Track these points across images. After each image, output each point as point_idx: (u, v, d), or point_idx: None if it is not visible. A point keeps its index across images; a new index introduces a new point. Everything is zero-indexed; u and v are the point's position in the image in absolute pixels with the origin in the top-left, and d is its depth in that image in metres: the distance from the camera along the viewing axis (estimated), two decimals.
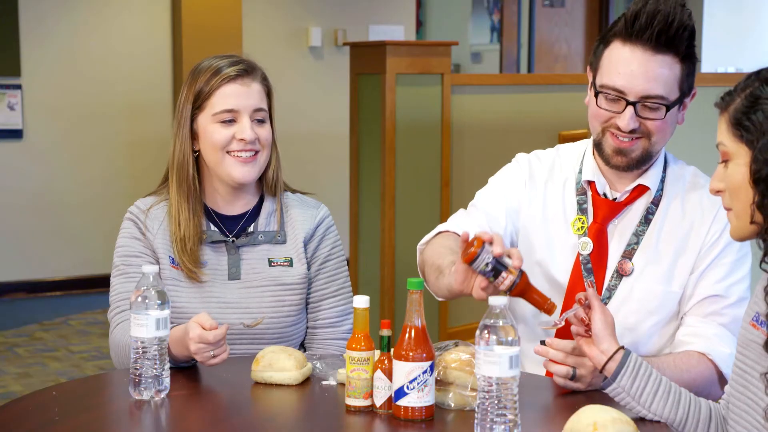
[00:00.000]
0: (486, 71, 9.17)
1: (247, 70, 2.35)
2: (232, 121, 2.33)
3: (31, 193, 6.97)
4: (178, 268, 2.33)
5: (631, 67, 2.11)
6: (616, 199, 2.24)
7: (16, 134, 6.89)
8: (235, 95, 2.33)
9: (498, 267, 1.79)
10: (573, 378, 1.99)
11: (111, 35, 7.15)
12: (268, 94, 2.40)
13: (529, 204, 2.31)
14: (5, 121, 6.84)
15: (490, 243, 1.81)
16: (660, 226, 2.21)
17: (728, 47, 9.47)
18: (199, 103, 2.35)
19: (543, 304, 1.84)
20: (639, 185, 2.22)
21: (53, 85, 6.98)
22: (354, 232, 5.22)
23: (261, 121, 2.36)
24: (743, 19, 9.61)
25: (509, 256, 1.83)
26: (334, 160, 7.47)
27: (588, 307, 1.93)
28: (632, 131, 2.14)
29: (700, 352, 2.12)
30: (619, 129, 2.15)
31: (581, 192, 2.27)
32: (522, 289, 1.82)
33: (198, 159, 2.39)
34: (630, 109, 2.12)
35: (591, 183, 2.26)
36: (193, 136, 2.37)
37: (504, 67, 9.15)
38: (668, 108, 2.13)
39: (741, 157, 1.73)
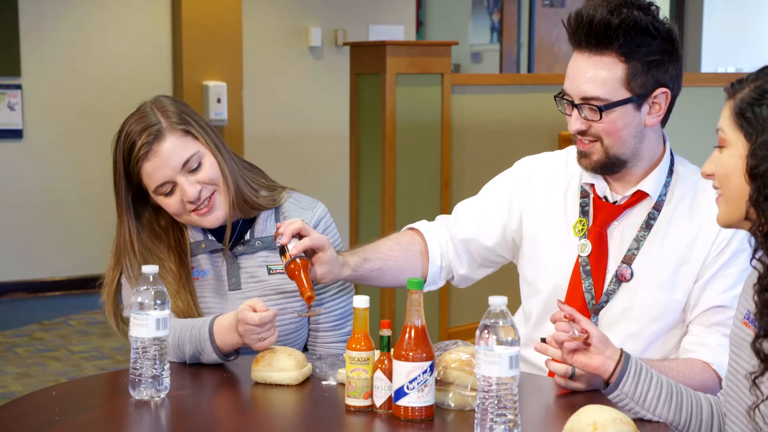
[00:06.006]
0: (486, 71, 9.17)
1: (156, 134, 2.24)
2: (174, 186, 2.27)
3: (31, 193, 6.96)
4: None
5: (573, 70, 2.15)
6: (616, 202, 2.23)
7: (16, 134, 6.89)
8: (157, 169, 2.25)
9: (282, 250, 2.17)
10: (572, 377, 1.99)
11: (111, 35, 7.15)
12: (190, 132, 2.28)
13: (529, 210, 2.32)
14: (5, 121, 6.84)
15: (281, 234, 2.17)
16: (663, 232, 2.19)
17: (728, 47, 9.47)
18: (134, 186, 2.30)
19: (303, 293, 2.11)
20: (638, 191, 2.21)
21: (53, 85, 6.98)
22: (354, 232, 5.22)
23: (198, 165, 2.28)
24: (743, 19, 9.62)
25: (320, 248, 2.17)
26: (334, 160, 7.47)
27: (572, 320, 1.92)
28: (582, 133, 2.16)
29: (704, 361, 2.13)
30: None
31: (584, 195, 2.26)
32: (290, 273, 2.14)
33: None
34: (574, 110, 2.15)
35: (592, 186, 2.25)
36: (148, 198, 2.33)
37: (504, 67, 9.15)
38: (606, 109, 2.11)
39: (738, 148, 1.71)
